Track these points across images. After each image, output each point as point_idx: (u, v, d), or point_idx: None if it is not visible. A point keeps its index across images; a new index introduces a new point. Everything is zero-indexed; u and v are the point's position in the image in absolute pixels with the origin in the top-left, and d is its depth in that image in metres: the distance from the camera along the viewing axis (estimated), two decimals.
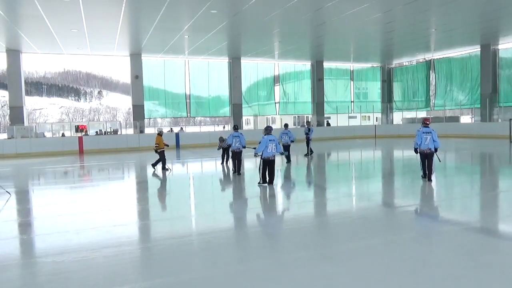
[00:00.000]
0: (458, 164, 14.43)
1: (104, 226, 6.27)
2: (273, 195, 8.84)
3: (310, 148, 16.90)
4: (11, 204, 8.77)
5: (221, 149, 14.13)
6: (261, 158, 9.43)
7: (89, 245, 5.24)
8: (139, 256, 5.01)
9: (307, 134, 16.88)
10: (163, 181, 11.51)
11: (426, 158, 9.37)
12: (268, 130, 9.65)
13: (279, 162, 14.55)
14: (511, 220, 6.39)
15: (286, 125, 15.89)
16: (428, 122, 9.61)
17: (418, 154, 9.59)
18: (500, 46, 25.25)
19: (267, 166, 9.39)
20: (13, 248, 5.51)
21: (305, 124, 19.82)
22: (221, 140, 14.06)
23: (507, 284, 3.80)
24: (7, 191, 9.71)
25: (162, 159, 13.03)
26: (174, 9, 15.40)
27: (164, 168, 13.01)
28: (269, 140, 9.32)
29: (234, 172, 11.74)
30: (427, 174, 9.44)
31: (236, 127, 12.91)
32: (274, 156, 9.40)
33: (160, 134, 13.38)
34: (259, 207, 7.85)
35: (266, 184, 9.47)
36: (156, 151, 13.06)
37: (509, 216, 6.66)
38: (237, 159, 11.74)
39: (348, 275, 4.09)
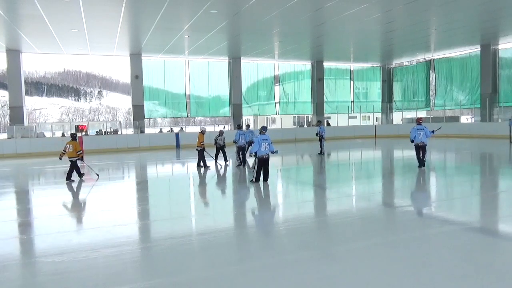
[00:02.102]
0: (458, 164, 14.43)
1: (104, 226, 6.27)
2: (272, 195, 8.84)
3: (322, 148, 16.90)
4: (11, 204, 8.77)
5: (216, 148, 14.38)
6: (256, 157, 9.72)
7: (89, 245, 5.24)
8: (139, 256, 5.01)
9: (318, 134, 16.85)
10: (172, 180, 11.50)
11: (420, 150, 11.53)
12: (262, 129, 10.00)
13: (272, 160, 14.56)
14: (511, 220, 6.39)
15: (239, 126, 15.88)
16: (420, 121, 11.80)
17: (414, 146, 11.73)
18: (500, 46, 25.23)
19: (263, 164, 9.69)
20: (13, 248, 5.50)
21: (317, 123, 19.86)
22: (221, 133, 14.41)
23: (507, 284, 3.80)
24: (96, 173, 11.58)
25: (201, 157, 13.38)
26: (174, 9, 15.40)
27: (199, 165, 13.44)
28: (262, 140, 9.62)
29: (239, 165, 13.22)
30: (421, 162, 11.53)
31: (239, 126, 14.78)
32: (268, 154, 9.70)
33: (203, 132, 13.71)
34: (259, 207, 7.85)
35: (258, 182, 9.70)
36: (204, 149, 13.37)
37: (509, 216, 6.66)
38: (243, 153, 13.21)
39: (348, 275, 4.09)
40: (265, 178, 9.79)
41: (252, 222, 6.80)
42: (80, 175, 11.40)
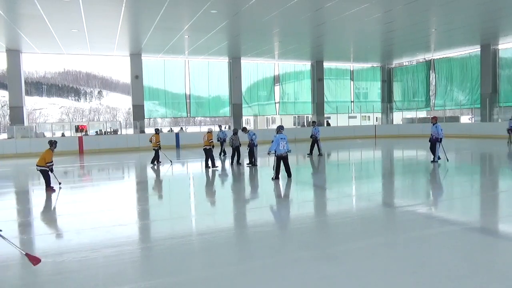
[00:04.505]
0: (458, 164, 14.42)
1: (104, 226, 6.27)
2: (272, 195, 8.85)
3: (319, 148, 16.67)
4: (11, 204, 8.78)
5: (232, 149, 14.26)
6: (275, 155, 10.09)
7: (89, 245, 5.24)
8: (139, 256, 5.01)
9: (312, 135, 16.67)
10: (170, 180, 11.49)
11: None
12: (279, 129, 10.35)
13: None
14: (511, 220, 6.39)
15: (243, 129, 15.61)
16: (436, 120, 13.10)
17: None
18: (500, 46, 25.22)
19: (282, 162, 10.11)
20: (13, 248, 5.50)
21: (311, 123, 19.68)
22: (235, 132, 14.27)
23: (507, 284, 3.80)
24: (170, 160, 12.99)
25: (210, 156, 13.42)
26: (174, 9, 15.40)
27: (207, 166, 13.46)
28: (281, 139, 10.00)
29: (249, 163, 13.33)
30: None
31: (245, 129, 14.35)
32: (286, 152, 10.08)
33: (210, 132, 13.95)
34: (259, 207, 7.85)
35: (278, 180, 10.03)
36: (212, 148, 13.51)
37: (509, 216, 6.66)
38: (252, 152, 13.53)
39: (348, 275, 4.09)
40: (289, 175, 10.15)
41: (252, 222, 6.80)
42: (158, 162, 14.15)
